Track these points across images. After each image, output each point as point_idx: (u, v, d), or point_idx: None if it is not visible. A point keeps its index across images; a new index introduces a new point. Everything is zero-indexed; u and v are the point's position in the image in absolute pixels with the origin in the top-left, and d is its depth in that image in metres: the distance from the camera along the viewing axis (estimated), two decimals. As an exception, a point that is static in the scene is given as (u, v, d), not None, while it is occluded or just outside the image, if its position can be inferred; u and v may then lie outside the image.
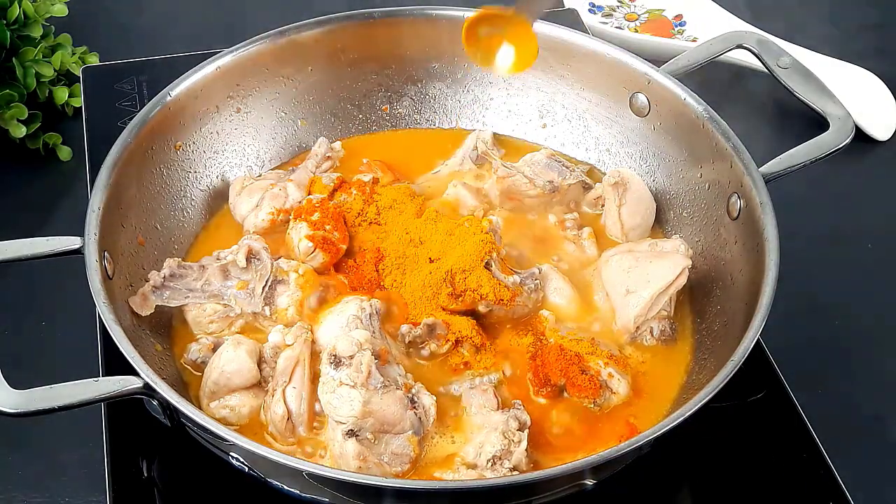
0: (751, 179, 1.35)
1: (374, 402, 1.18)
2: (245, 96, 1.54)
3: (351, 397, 1.19)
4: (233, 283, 1.34)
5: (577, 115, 1.60)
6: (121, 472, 1.26)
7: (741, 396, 1.35)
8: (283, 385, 1.24)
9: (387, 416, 1.19)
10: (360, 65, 1.60)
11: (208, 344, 1.30)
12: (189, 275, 1.34)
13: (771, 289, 1.23)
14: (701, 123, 1.44)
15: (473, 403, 1.25)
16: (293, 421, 1.23)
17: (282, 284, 1.35)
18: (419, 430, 1.20)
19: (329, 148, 1.55)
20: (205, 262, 1.36)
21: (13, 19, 1.71)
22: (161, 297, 1.32)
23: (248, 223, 1.46)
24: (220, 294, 1.34)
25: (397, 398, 1.20)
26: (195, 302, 1.33)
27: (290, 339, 1.27)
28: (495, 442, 1.19)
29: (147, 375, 1.13)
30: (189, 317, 1.34)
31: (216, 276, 1.34)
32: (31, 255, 1.24)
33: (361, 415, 1.18)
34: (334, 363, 1.21)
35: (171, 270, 1.33)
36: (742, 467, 1.32)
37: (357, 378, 1.19)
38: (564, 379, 1.28)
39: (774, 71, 1.50)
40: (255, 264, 1.35)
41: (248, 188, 1.47)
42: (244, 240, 1.37)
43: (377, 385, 1.20)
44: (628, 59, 1.53)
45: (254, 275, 1.35)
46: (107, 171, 1.32)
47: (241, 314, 1.34)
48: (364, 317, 1.28)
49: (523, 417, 1.23)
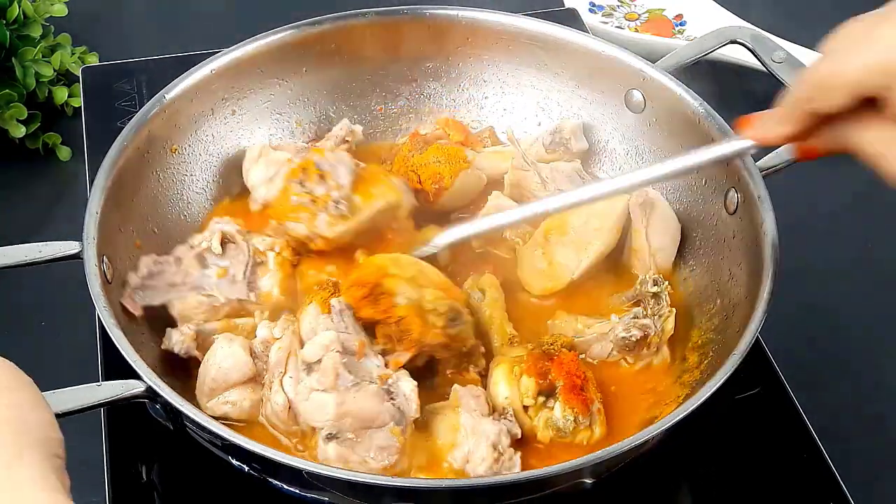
0: (748, 173, 1.34)
1: (349, 402, 1.18)
2: (240, 98, 1.53)
3: (324, 401, 1.18)
4: (212, 271, 1.33)
5: (572, 113, 1.59)
6: (120, 476, 1.26)
7: (740, 395, 1.35)
8: (279, 375, 1.23)
9: (364, 413, 1.18)
10: (354, 65, 1.59)
11: (190, 333, 1.28)
12: (167, 269, 1.32)
13: (770, 282, 1.23)
14: (697, 119, 1.44)
15: (463, 403, 1.24)
16: (294, 409, 1.22)
17: (261, 266, 1.34)
18: (400, 419, 1.19)
19: (349, 131, 1.54)
20: (179, 252, 1.35)
21: (13, 19, 1.71)
22: (143, 298, 1.30)
23: (258, 193, 1.43)
24: (200, 285, 1.32)
25: (371, 393, 1.19)
26: (177, 296, 1.32)
27: (277, 333, 1.27)
28: (486, 455, 1.18)
29: (150, 379, 1.13)
30: (175, 312, 1.32)
31: (193, 267, 1.33)
32: (30, 260, 1.23)
33: (337, 416, 1.17)
34: (307, 370, 1.21)
35: (148, 269, 1.31)
36: (742, 467, 1.31)
37: (325, 382, 1.19)
38: (563, 381, 1.25)
39: (769, 66, 1.49)
40: (230, 249, 1.34)
41: (266, 158, 1.44)
42: (215, 224, 1.36)
43: (348, 384, 1.19)
44: (623, 56, 1.52)
45: (232, 260, 1.33)
46: (104, 174, 1.32)
47: (226, 302, 1.32)
48: (334, 315, 1.26)
49: (514, 430, 1.21)
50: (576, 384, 1.24)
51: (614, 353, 1.33)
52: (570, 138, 1.54)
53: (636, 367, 1.33)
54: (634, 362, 1.33)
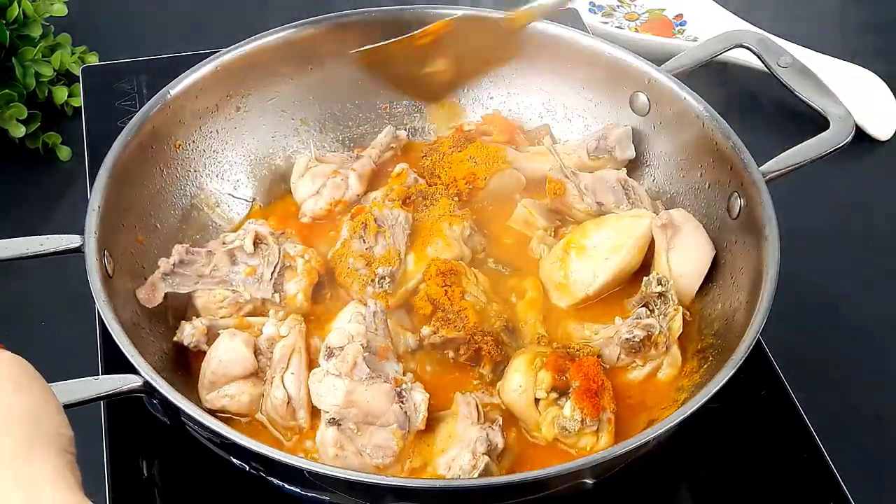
0: (751, 178, 1.35)
1: (359, 393, 1.19)
2: (245, 95, 1.54)
3: (335, 386, 1.20)
4: (240, 268, 1.35)
5: (577, 114, 1.60)
6: (120, 472, 1.26)
7: (741, 396, 1.34)
8: (281, 372, 1.25)
9: (371, 408, 1.19)
10: (359, 63, 1.58)
11: (202, 328, 1.30)
12: (198, 261, 1.35)
13: (772, 287, 1.23)
14: (701, 122, 1.44)
15: (461, 411, 1.24)
16: (293, 405, 1.24)
17: (290, 270, 1.35)
18: (404, 424, 1.20)
19: (394, 137, 1.54)
20: (211, 246, 1.37)
21: (13, 19, 1.71)
22: (171, 284, 1.32)
23: (307, 207, 1.47)
24: (228, 280, 1.34)
25: (383, 391, 1.20)
26: (204, 288, 1.34)
27: (283, 331, 1.29)
28: (464, 462, 1.18)
29: (147, 374, 1.13)
30: (199, 303, 1.34)
31: (223, 262, 1.35)
32: (32, 253, 1.24)
33: (344, 404, 1.19)
34: (327, 354, 1.22)
35: (181, 256, 1.34)
36: (742, 467, 1.32)
37: (342, 368, 1.20)
38: (579, 382, 1.24)
39: (775, 70, 1.49)
40: (262, 249, 1.36)
41: (311, 171, 1.48)
42: (250, 224, 1.38)
43: (363, 376, 1.20)
44: (629, 59, 1.53)
45: (261, 260, 1.35)
46: (107, 169, 1.33)
47: (249, 300, 1.34)
48: (368, 314, 1.28)
49: (496, 439, 1.20)
50: (591, 388, 1.24)
51: (622, 357, 1.32)
52: (616, 146, 1.52)
53: (646, 370, 1.33)
54: (644, 364, 1.33)
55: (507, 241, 1.48)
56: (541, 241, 1.46)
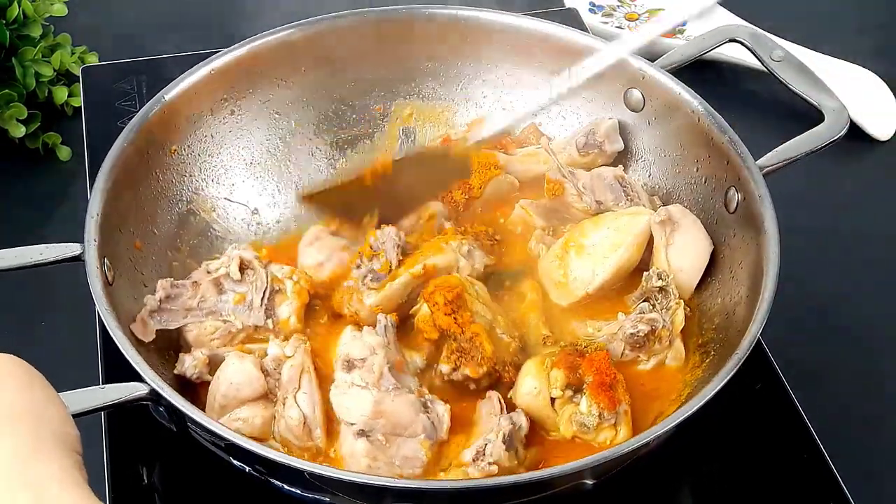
0: (748, 172, 1.35)
1: (386, 403, 1.19)
2: (239, 98, 1.53)
3: (362, 397, 1.19)
4: (228, 296, 1.33)
5: (571, 112, 1.60)
6: (120, 477, 1.26)
7: (740, 395, 1.34)
8: (293, 392, 1.23)
9: (399, 418, 1.18)
10: (353, 65, 1.59)
11: (203, 358, 1.28)
12: (183, 293, 1.32)
13: (773, 281, 1.23)
14: (696, 117, 1.44)
15: (483, 412, 1.24)
16: (309, 425, 1.22)
17: (279, 294, 1.34)
18: (432, 434, 1.20)
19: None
20: (195, 276, 1.34)
21: (12, 19, 1.71)
22: (160, 322, 1.30)
23: (309, 273, 1.42)
24: (217, 310, 1.32)
25: (410, 401, 1.20)
26: (194, 321, 1.31)
27: (289, 351, 1.27)
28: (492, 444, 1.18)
29: (153, 381, 1.13)
30: (190, 337, 1.32)
31: (210, 292, 1.32)
32: (31, 262, 1.23)
33: (373, 415, 1.18)
34: (347, 367, 1.21)
35: (166, 292, 1.31)
36: (742, 467, 1.32)
37: (369, 378, 1.19)
38: (593, 377, 1.24)
39: (768, 64, 1.49)
40: (248, 275, 1.34)
41: (319, 242, 1.44)
42: (233, 250, 1.36)
43: (389, 387, 1.20)
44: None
45: (249, 286, 1.33)
46: (104, 176, 1.32)
47: (242, 328, 1.32)
48: (380, 328, 1.27)
49: (520, 421, 1.21)
50: (605, 381, 1.24)
51: (627, 352, 1.33)
52: (604, 140, 1.52)
53: (651, 364, 1.33)
54: (648, 358, 1.33)
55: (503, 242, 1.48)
56: (539, 240, 1.46)
